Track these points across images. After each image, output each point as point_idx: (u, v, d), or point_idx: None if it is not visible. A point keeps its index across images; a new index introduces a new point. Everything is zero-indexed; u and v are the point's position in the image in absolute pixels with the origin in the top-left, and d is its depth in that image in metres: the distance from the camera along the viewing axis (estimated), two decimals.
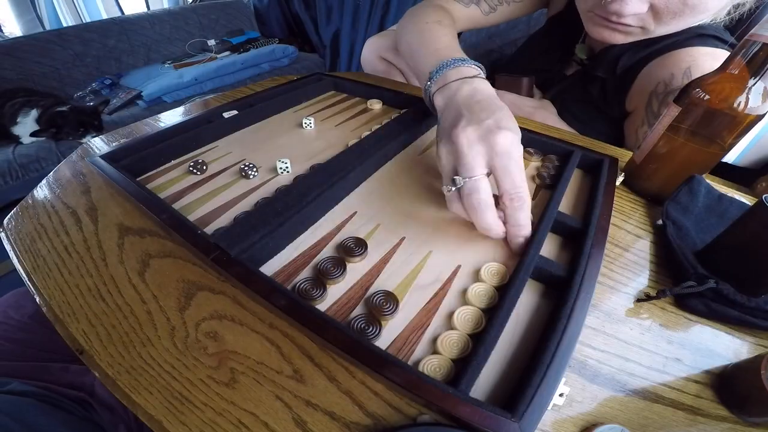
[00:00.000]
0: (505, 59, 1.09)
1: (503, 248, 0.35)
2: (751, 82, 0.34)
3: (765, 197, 0.28)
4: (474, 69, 0.41)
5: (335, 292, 0.30)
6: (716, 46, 0.50)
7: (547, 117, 0.61)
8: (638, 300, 0.32)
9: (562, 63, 0.70)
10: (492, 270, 0.32)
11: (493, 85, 0.60)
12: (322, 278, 0.30)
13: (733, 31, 0.53)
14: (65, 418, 0.38)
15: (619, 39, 0.52)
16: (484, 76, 0.41)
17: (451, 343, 0.26)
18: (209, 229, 0.35)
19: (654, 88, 0.51)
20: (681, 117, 0.38)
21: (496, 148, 0.31)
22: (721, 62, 0.36)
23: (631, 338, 0.29)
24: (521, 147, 0.32)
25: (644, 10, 0.46)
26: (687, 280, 0.31)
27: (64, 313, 0.28)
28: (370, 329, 0.27)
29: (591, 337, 0.29)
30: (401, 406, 0.23)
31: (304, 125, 0.53)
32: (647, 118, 0.52)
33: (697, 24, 0.50)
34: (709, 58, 0.48)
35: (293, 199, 0.35)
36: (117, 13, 2.11)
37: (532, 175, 0.45)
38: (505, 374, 0.25)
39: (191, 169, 0.42)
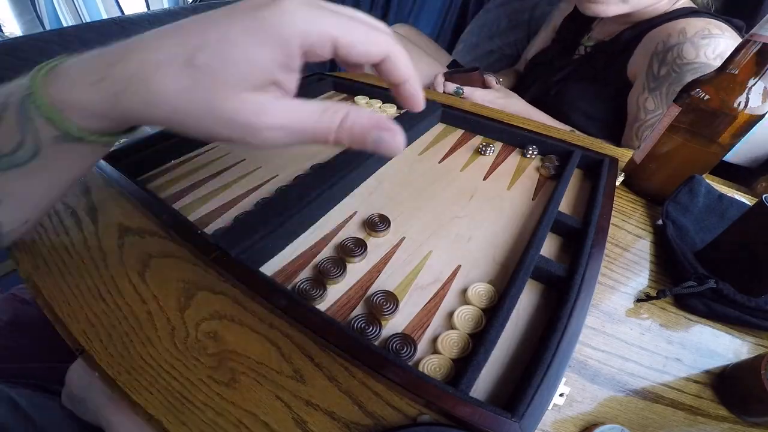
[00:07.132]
0: (505, 59, 1.09)
1: (503, 248, 0.35)
2: (751, 82, 0.34)
3: (765, 197, 0.28)
4: None
5: (335, 292, 0.30)
6: (710, 19, 0.56)
7: (518, 104, 0.68)
8: (638, 300, 0.32)
9: (566, 55, 0.77)
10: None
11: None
12: (322, 278, 0.30)
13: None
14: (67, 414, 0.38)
15: (602, 9, 0.60)
16: None
17: (451, 342, 0.26)
18: (209, 229, 0.35)
19: (654, 49, 0.57)
20: (681, 117, 0.38)
21: None
22: (715, 27, 0.38)
23: (631, 338, 0.29)
24: None
25: None
26: (687, 280, 0.31)
27: (64, 313, 0.28)
28: (370, 329, 0.27)
29: (591, 337, 0.29)
30: (401, 406, 0.23)
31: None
32: (647, 82, 0.58)
33: None
34: (702, 22, 0.54)
35: (293, 199, 0.35)
36: (117, 13, 2.11)
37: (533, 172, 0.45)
38: (505, 374, 0.25)
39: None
